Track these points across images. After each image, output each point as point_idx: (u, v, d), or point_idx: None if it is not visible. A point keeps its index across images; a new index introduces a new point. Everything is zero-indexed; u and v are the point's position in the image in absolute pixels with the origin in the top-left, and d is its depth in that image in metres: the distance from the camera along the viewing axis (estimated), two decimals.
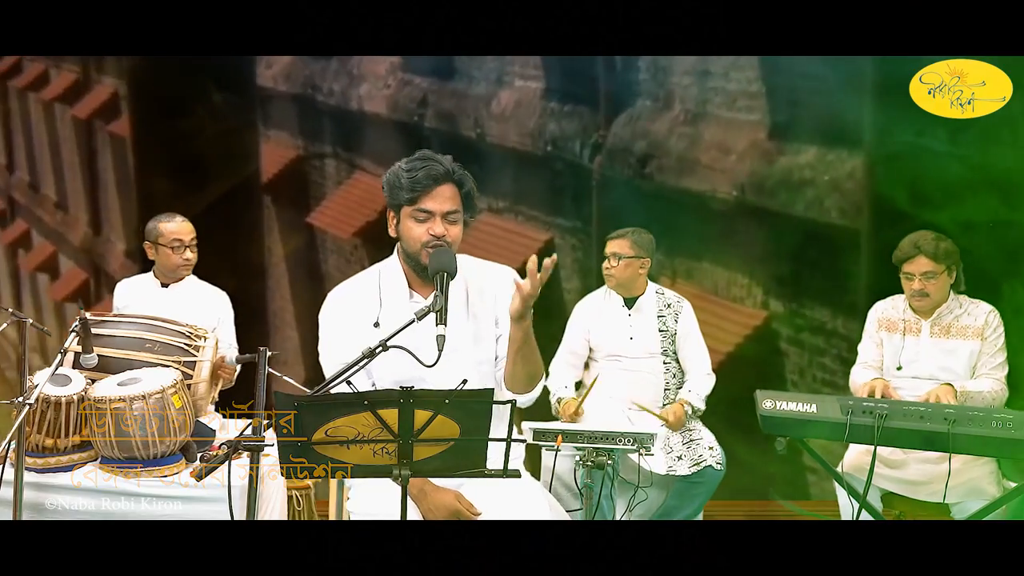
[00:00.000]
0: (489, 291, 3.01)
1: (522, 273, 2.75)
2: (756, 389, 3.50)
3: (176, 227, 4.24)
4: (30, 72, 4.87)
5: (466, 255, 3.02)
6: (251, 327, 4.43)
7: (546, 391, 4.35)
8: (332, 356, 2.96)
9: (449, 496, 2.90)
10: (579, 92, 4.44)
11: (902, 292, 4.00)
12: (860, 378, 4.03)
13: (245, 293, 4.50)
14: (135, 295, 4.30)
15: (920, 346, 3.97)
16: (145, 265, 4.44)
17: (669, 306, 4.40)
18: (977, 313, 3.94)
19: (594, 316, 4.43)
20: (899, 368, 3.98)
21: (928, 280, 3.90)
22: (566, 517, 3.11)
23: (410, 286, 2.97)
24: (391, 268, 3.00)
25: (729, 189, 4.32)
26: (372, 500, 2.94)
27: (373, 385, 2.92)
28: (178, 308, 4.12)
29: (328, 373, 2.79)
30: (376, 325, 2.91)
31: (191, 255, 4.27)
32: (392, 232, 2.95)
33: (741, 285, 4.46)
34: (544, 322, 4.24)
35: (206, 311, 4.24)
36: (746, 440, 4.22)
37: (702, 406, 4.32)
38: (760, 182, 4.27)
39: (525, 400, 2.97)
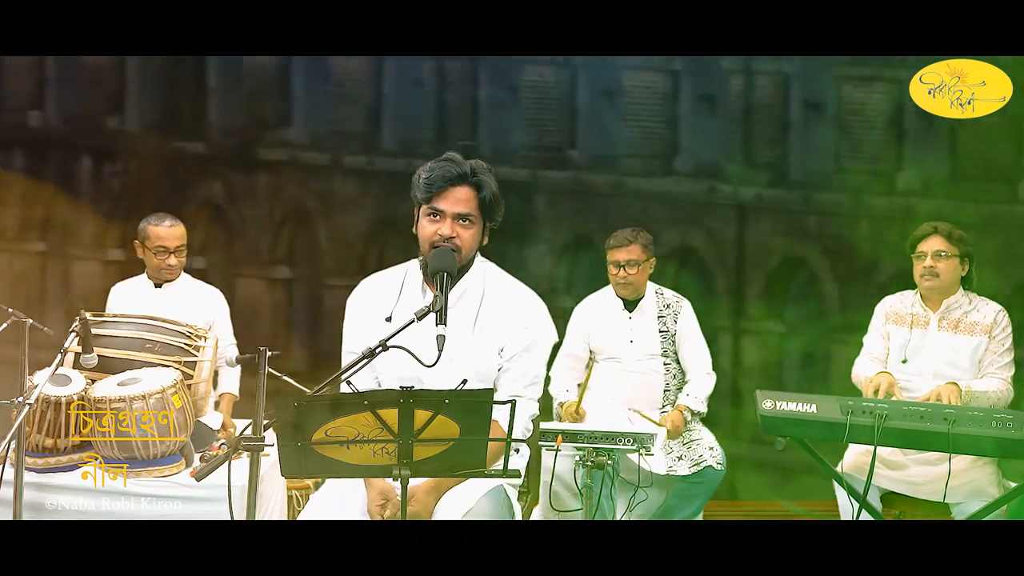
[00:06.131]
0: (503, 310, 2.96)
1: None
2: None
3: (163, 232, 4.14)
4: None
5: (495, 266, 3.02)
6: None
7: (548, 395, 4.35)
8: (345, 345, 3.02)
9: (372, 493, 2.83)
10: None
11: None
12: (864, 371, 3.98)
13: None
14: (128, 297, 4.25)
15: (927, 339, 3.93)
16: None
17: (668, 307, 4.39)
18: (987, 311, 3.91)
19: (594, 319, 4.41)
20: (904, 361, 3.95)
21: (939, 260, 3.87)
22: (503, 516, 2.89)
23: (425, 284, 2.97)
24: (416, 265, 3.02)
25: None
26: (333, 500, 2.90)
27: (377, 383, 2.92)
28: (171, 308, 4.08)
29: (343, 360, 2.82)
30: (388, 320, 2.91)
31: (174, 262, 4.16)
32: (415, 230, 2.95)
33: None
34: None
35: (200, 310, 4.21)
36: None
37: (702, 409, 4.31)
38: None
39: None
